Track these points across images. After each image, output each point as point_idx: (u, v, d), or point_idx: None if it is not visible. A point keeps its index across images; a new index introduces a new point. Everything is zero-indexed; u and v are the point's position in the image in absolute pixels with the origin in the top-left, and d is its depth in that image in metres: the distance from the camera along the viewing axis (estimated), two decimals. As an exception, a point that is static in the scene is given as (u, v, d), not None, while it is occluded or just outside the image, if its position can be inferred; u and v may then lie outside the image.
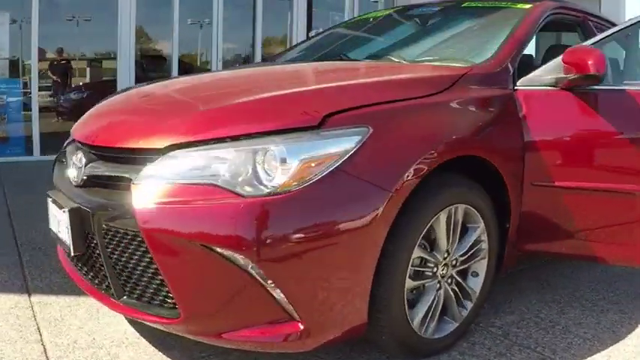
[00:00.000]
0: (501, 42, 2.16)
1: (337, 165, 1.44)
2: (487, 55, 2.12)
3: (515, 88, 2.03)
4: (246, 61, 7.66)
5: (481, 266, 1.92)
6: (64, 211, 1.71)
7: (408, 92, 1.71)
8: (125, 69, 5.81)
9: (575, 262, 2.73)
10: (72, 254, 1.73)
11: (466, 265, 1.88)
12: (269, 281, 1.40)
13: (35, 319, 2.02)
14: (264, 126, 1.49)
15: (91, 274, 1.79)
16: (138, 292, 1.60)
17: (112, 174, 1.66)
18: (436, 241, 1.74)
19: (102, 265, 1.68)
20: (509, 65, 2.05)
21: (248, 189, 1.41)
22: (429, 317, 1.76)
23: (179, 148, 1.51)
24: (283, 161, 1.41)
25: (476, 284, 1.92)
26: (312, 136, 1.45)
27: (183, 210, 1.44)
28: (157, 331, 1.83)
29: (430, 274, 1.75)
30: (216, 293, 1.44)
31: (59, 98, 6.82)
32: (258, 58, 7.13)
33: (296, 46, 3.14)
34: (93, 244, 1.69)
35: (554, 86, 2.01)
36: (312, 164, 1.43)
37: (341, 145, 1.46)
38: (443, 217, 1.72)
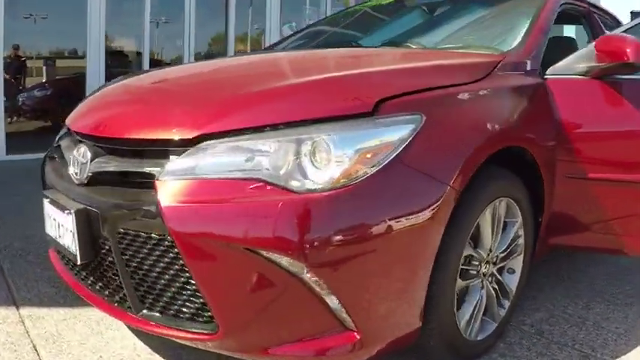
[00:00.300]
0: (526, 30, 2.08)
1: (394, 156, 1.30)
2: (512, 43, 2.03)
3: (545, 76, 1.95)
4: (209, 57, 7.38)
5: (517, 263, 1.84)
6: (68, 214, 1.50)
7: (453, 78, 1.59)
8: (95, 65, 5.54)
9: (589, 255, 2.70)
10: (78, 262, 1.52)
11: (505, 262, 1.78)
12: (323, 287, 1.25)
13: (29, 335, 1.79)
14: (310, 113, 1.33)
15: (100, 284, 1.59)
16: (161, 304, 1.41)
17: (127, 169, 1.46)
18: (480, 237, 1.64)
19: (116, 274, 1.49)
20: (538, 53, 1.98)
21: (296, 184, 1.25)
22: (473, 318, 1.65)
23: (211, 139, 1.33)
24: (337, 152, 1.26)
25: (512, 282, 1.84)
26: (366, 124, 1.31)
27: (221, 209, 1.26)
28: (170, 343, 1.65)
29: (474, 272, 1.64)
30: (262, 303, 1.27)
31: (22, 97, 6.38)
32: (231, 52, 6.91)
33: (294, 35, 2.97)
34: (104, 251, 1.50)
35: (584, 75, 1.94)
36: (368, 155, 1.28)
37: (396, 134, 1.32)
38: (489, 211, 1.61)
